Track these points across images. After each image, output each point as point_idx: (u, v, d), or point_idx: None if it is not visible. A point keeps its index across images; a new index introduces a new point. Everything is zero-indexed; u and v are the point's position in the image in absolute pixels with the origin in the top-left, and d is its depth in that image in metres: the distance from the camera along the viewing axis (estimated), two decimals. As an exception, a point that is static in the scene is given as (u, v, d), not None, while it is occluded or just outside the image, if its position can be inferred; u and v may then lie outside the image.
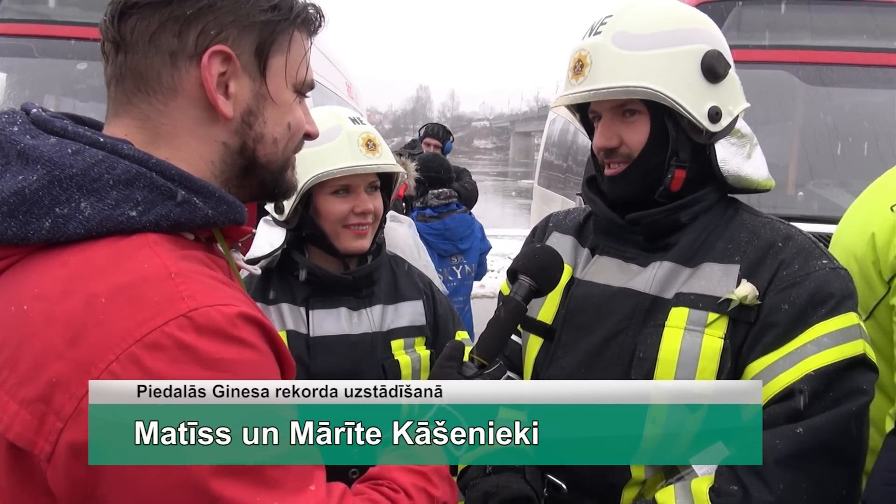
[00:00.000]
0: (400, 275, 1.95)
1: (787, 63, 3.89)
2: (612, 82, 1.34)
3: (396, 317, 1.86)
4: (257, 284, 1.86)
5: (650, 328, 1.34)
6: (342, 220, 1.77)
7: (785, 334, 1.25)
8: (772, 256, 1.32)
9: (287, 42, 0.94)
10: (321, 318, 1.79)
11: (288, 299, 1.82)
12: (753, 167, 1.42)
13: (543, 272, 1.33)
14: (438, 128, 5.72)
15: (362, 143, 1.74)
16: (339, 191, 1.77)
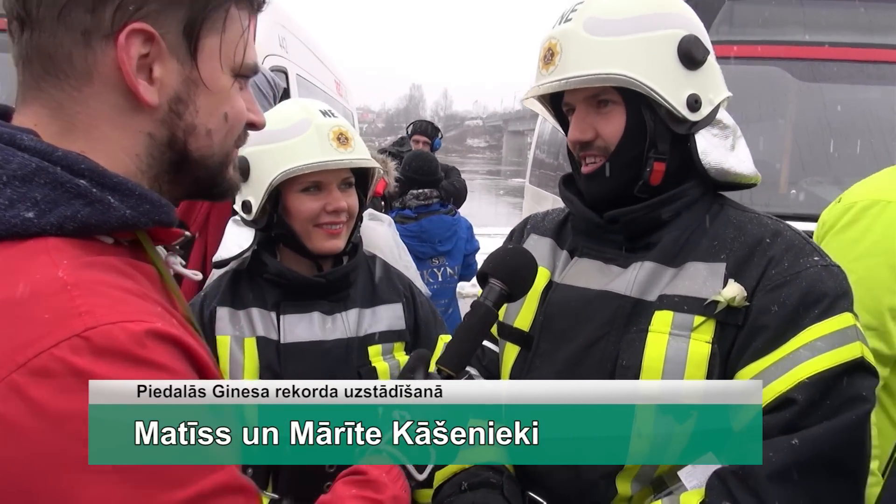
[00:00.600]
0: (378, 276, 1.86)
1: (779, 59, 3.83)
2: (583, 70, 1.27)
3: (374, 321, 1.78)
4: (225, 288, 1.78)
5: (632, 333, 1.26)
6: (313, 219, 1.69)
7: (776, 338, 1.18)
8: (759, 254, 1.24)
9: (222, 20, 0.83)
10: (293, 324, 1.71)
11: (258, 304, 1.74)
12: (737, 159, 1.34)
13: (515, 275, 1.25)
14: (426, 125, 5.64)
15: (333, 136, 1.65)
16: (309, 188, 1.68)
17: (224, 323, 1.70)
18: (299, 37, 6.24)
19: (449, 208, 4.20)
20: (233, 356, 1.67)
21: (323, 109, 1.70)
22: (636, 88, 1.24)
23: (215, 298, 1.75)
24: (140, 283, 0.78)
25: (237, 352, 1.67)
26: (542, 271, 1.42)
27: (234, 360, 1.66)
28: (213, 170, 0.89)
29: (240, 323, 1.70)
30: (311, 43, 6.95)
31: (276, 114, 1.71)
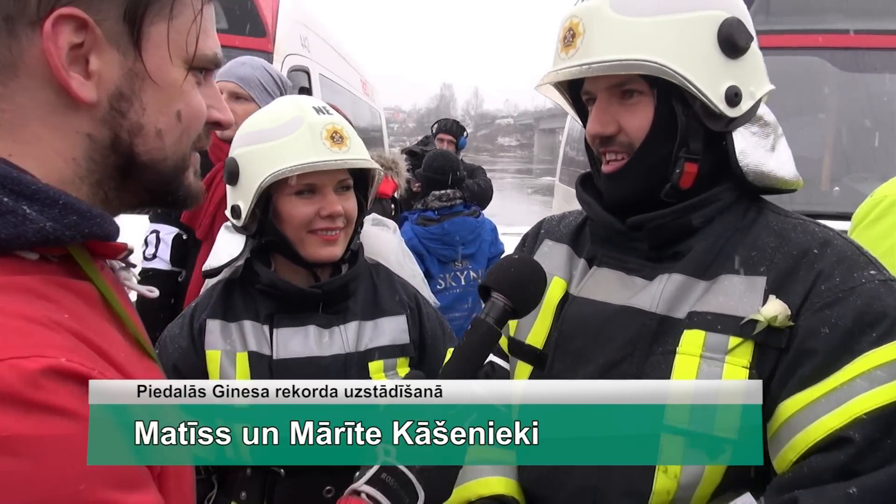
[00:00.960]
0: (381, 286, 1.72)
1: (820, 48, 3.63)
2: (608, 55, 1.12)
3: (375, 335, 1.63)
4: (217, 299, 1.65)
5: (658, 355, 1.12)
6: (307, 225, 1.56)
7: (827, 365, 1.02)
8: (806, 266, 1.08)
9: (170, 4, 0.73)
10: (286, 338, 1.57)
11: (251, 316, 1.61)
12: (778, 162, 1.19)
13: (520, 289, 1.12)
14: (451, 123, 5.52)
15: (326, 135, 1.51)
16: (302, 191, 1.55)
17: (214, 336, 1.59)
18: (323, 36, 6.16)
19: (472, 209, 4.05)
20: (223, 372, 1.56)
21: (317, 106, 1.58)
22: (668, 78, 1.10)
23: (206, 310, 1.63)
24: (63, 307, 0.66)
25: (228, 367, 1.56)
26: (558, 282, 1.29)
27: (225, 376, 1.55)
28: (166, 175, 0.77)
29: (231, 336, 1.59)
30: (335, 42, 6.88)
31: (266, 112, 1.61)
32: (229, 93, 2.55)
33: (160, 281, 2.52)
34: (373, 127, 9.35)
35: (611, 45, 1.12)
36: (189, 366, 1.57)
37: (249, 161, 1.54)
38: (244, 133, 1.58)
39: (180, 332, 1.62)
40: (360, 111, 8.28)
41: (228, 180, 1.59)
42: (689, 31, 1.11)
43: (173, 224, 2.55)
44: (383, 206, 2.53)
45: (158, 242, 2.53)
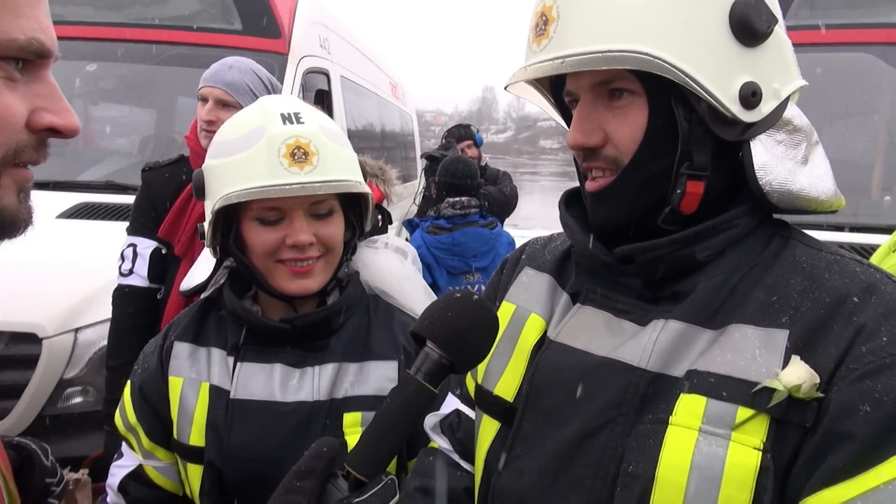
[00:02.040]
0: (376, 324, 1.46)
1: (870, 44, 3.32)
2: (586, 45, 0.88)
3: (359, 381, 1.38)
4: (192, 319, 1.45)
5: (647, 424, 0.87)
6: (272, 254, 1.33)
7: (866, 456, 0.76)
8: (842, 319, 0.83)
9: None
10: (248, 375, 1.36)
11: (220, 343, 1.40)
12: (811, 178, 0.93)
13: (459, 340, 0.87)
14: (459, 129, 5.34)
15: (286, 151, 1.26)
16: (265, 216, 1.32)
17: (180, 362, 1.40)
18: (346, 37, 6.00)
19: (489, 220, 3.75)
20: (184, 402, 1.37)
21: (286, 112, 1.31)
22: (663, 74, 0.86)
23: (177, 330, 1.45)
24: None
25: (190, 396, 1.36)
26: (535, 321, 1.06)
27: (185, 408, 1.36)
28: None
29: (199, 363, 1.40)
30: (360, 44, 6.71)
31: (235, 119, 1.37)
32: (216, 100, 2.37)
33: (137, 298, 2.37)
34: (403, 130, 9.18)
35: (589, 34, 0.89)
36: (154, 390, 1.40)
37: (211, 177, 1.34)
38: (214, 142, 1.38)
39: (153, 350, 1.46)
40: (389, 114, 8.11)
41: (196, 195, 1.40)
42: (690, 13, 0.87)
43: (151, 237, 2.38)
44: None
45: (135, 257, 2.37)
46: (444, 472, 1.17)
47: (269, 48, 4.31)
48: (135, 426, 1.41)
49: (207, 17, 4.38)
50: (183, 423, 1.36)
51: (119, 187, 3.69)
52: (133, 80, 4.40)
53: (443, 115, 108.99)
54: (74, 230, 3.28)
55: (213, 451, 1.32)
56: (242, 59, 2.49)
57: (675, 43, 0.86)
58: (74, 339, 2.73)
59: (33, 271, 2.81)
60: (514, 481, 0.97)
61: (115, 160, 4.20)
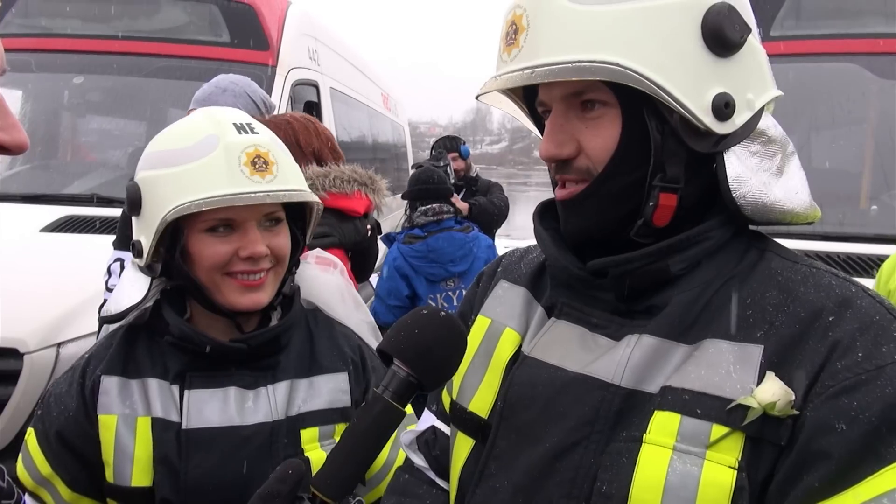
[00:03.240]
0: (319, 337, 1.44)
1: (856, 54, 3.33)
2: (556, 55, 0.86)
3: (310, 396, 1.35)
4: (116, 350, 1.34)
5: (621, 442, 0.85)
6: (222, 267, 1.27)
7: (842, 475, 0.74)
8: (818, 334, 0.81)
9: None
10: (200, 403, 1.29)
11: (157, 373, 1.31)
12: (786, 189, 0.91)
13: (426, 357, 0.86)
14: (446, 141, 5.38)
15: (246, 160, 1.23)
16: (217, 227, 1.26)
17: (110, 398, 1.29)
18: (336, 49, 6.00)
19: (465, 225, 3.73)
20: (120, 441, 1.27)
21: (239, 122, 1.29)
22: (634, 84, 0.84)
23: (101, 364, 1.33)
24: None
25: (126, 434, 1.27)
26: (510, 335, 1.03)
27: (122, 447, 1.26)
28: None
29: (132, 397, 1.30)
30: (350, 55, 6.71)
31: (177, 128, 1.32)
32: None
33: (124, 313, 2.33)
34: (395, 142, 9.17)
35: (560, 43, 0.87)
36: (77, 433, 1.29)
37: (153, 188, 1.27)
38: (150, 153, 1.31)
39: (68, 389, 1.32)
40: (380, 126, 8.11)
41: (129, 209, 1.32)
42: (663, 23, 0.85)
43: None
44: (356, 226, 2.29)
45: (123, 271, 2.34)
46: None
47: (257, 60, 4.30)
48: (49, 477, 1.29)
49: (195, 29, 4.38)
50: (121, 464, 1.26)
51: (105, 200, 3.66)
52: (120, 93, 4.38)
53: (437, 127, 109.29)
54: (58, 244, 3.25)
55: (167, 488, 1.25)
56: (237, 81, 2.46)
57: (647, 54, 0.85)
58: (57, 353, 2.69)
59: (15, 285, 2.78)
60: (488, 500, 0.95)
61: (102, 173, 4.17)
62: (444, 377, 0.90)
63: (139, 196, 1.29)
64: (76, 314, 2.75)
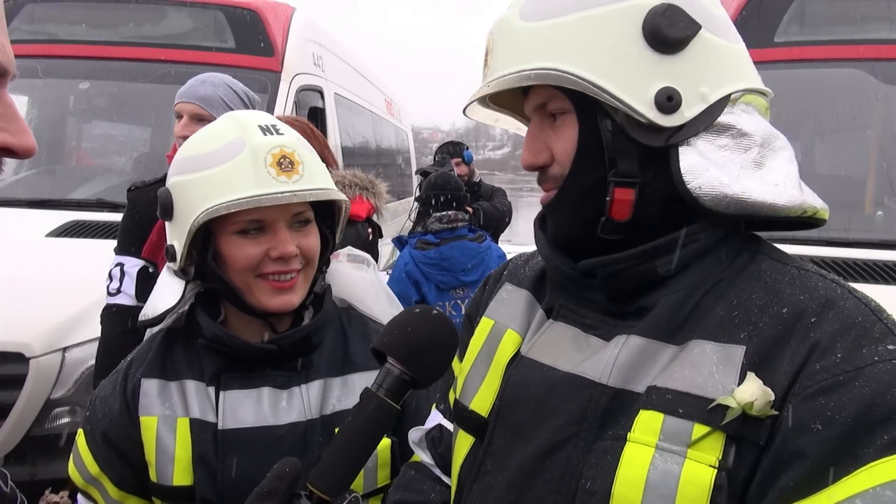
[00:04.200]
0: (353, 336, 1.44)
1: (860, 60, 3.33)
2: (508, 68, 0.94)
3: (344, 394, 1.35)
4: (155, 354, 1.37)
5: (607, 440, 0.87)
6: (254, 269, 1.28)
7: (818, 475, 0.75)
8: (798, 335, 0.82)
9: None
10: (235, 404, 1.30)
11: (195, 374, 1.34)
12: (762, 182, 0.91)
13: (419, 355, 0.91)
14: (449, 147, 5.39)
15: (272, 161, 1.24)
16: (247, 229, 1.28)
17: (150, 400, 1.32)
18: (340, 55, 6.03)
19: (478, 234, 3.73)
20: (161, 441, 1.29)
21: (264, 124, 1.30)
22: (572, 87, 0.89)
23: (141, 367, 1.37)
24: None
25: (167, 435, 1.30)
26: (511, 336, 1.06)
27: (163, 448, 1.29)
28: None
29: (171, 399, 1.33)
30: (354, 61, 6.75)
31: (205, 133, 1.33)
32: (190, 115, 2.36)
33: (126, 317, 2.35)
34: (399, 147, 9.20)
35: (511, 57, 0.94)
36: (121, 434, 1.32)
37: (183, 193, 1.29)
38: (179, 158, 1.33)
39: (112, 392, 1.36)
40: (384, 131, 8.14)
41: (162, 215, 1.34)
42: (603, 28, 0.90)
43: (138, 256, 2.37)
44: (357, 230, 2.29)
45: (123, 276, 2.35)
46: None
47: (262, 66, 4.33)
48: (98, 476, 1.33)
49: (201, 35, 4.40)
50: (163, 464, 1.29)
51: (110, 205, 3.68)
52: (126, 99, 4.41)
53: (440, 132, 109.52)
54: (64, 248, 3.27)
55: (207, 488, 1.27)
56: (216, 74, 2.48)
57: (587, 57, 0.89)
58: (62, 358, 2.71)
59: (21, 290, 2.79)
60: (483, 496, 0.98)
61: (108, 178, 4.19)
62: (438, 374, 0.96)
63: (171, 201, 1.31)
64: (81, 319, 2.77)
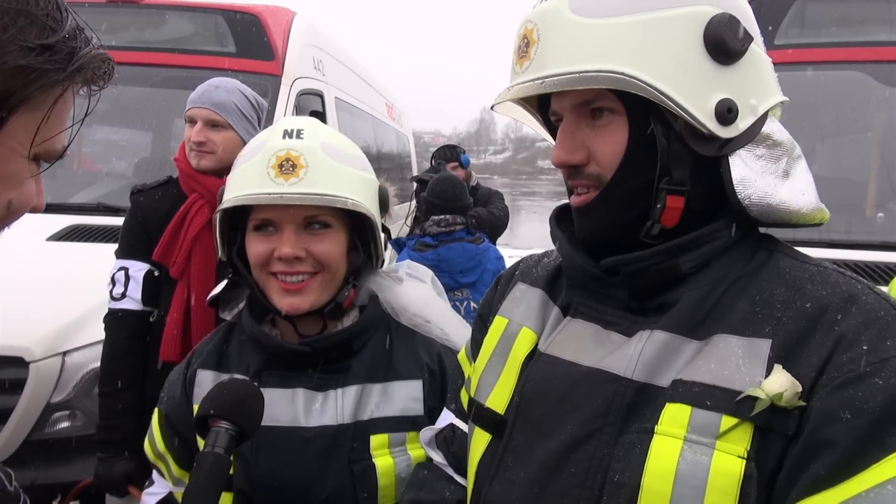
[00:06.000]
0: (398, 344, 1.44)
1: (861, 62, 3.33)
2: (564, 66, 0.91)
3: (383, 401, 1.36)
4: (215, 344, 1.45)
5: (633, 434, 0.88)
6: (264, 266, 1.33)
7: (848, 463, 0.77)
8: (823, 328, 0.84)
9: (51, 100, 0.71)
10: (271, 401, 1.31)
11: (242, 369, 1.39)
12: (792, 191, 0.94)
13: (240, 408, 1.11)
14: (446, 151, 5.37)
15: (275, 163, 1.28)
16: (261, 227, 1.33)
17: (203, 390, 1.37)
18: (340, 59, 6.03)
19: (476, 236, 3.76)
20: None
21: (290, 129, 1.33)
22: (639, 92, 0.88)
23: (200, 358, 1.45)
24: None
25: None
26: (526, 334, 1.07)
27: None
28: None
29: None
30: (355, 65, 6.75)
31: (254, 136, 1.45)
32: (205, 120, 2.35)
33: (132, 322, 2.34)
34: (400, 151, 9.20)
35: (568, 55, 0.91)
36: (180, 419, 1.40)
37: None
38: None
39: (177, 378, 1.46)
40: (385, 135, 8.14)
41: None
42: (665, 33, 0.89)
43: (143, 260, 2.36)
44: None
45: (128, 280, 2.34)
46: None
47: (263, 70, 4.32)
48: (164, 453, 1.42)
49: (201, 39, 4.40)
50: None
51: (111, 209, 3.68)
52: (127, 103, 4.40)
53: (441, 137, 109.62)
54: (64, 252, 3.26)
55: (242, 479, 1.31)
56: (228, 80, 2.48)
57: (651, 62, 0.89)
58: (62, 362, 2.70)
59: (21, 294, 2.79)
60: (504, 492, 0.98)
61: (108, 182, 4.19)
62: (258, 422, 1.16)
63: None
64: (82, 323, 2.76)
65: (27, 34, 0.66)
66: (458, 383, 1.22)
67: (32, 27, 0.66)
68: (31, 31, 0.66)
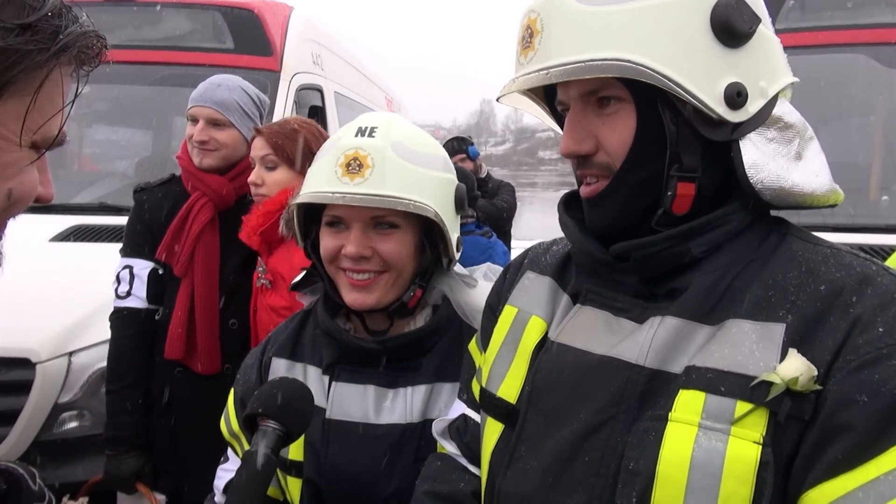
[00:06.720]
0: (467, 345, 1.45)
1: (863, 44, 3.31)
2: (569, 55, 0.90)
3: (452, 400, 1.35)
4: (290, 333, 1.48)
5: (647, 421, 0.87)
6: (333, 260, 1.37)
7: (866, 446, 0.76)
8: (839, 311, 0.83)
9: (37, 83, 0.67)
10: (343, 395, 1.36)
11: (315, 361, 1.42)
12: (805, 173, 0.93)
13: (289, 410, 1.11)
14: (453, 143, 5.32)
15: (343, 161, 1.29)
16: (333, 222, 1.36)
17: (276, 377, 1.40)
18: (339, 53, 6.01)
19: (484, 230, 3.75)
20: None
21: (364, 126, 1.33)
22: (646, 79, 0.87)
23: (276, 345, 1.48)
24: None
25: None
26: (536, 322, 1.06)
27: None
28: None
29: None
30: (353, 59, 6.72)
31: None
32: (207, 119, 2.34)
33: (137, 320, 2.34)
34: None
35: (572, 44, 0.90)
36: None
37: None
38: None
39: (252, 362, 1.49)
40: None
41: None
42: (671, 18, 0.88)
43: (147, 258, 2.36)
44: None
45: (132, 279, 2.34)
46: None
47: (261, 66, 4.31)
48: (238, 433, 1.44)
49: (199, 36, 4.39)
50: None
51: (113, 209, 3.67)
52: (126, 102, 4.40)
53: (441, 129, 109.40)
54: (68, 253, 3.26)
55: (312, 468, 1.34)
56: (229, 77, 2.47)
57: (657, 49, 0.88)
58: (69, 362, 2.70)
59: (26, 295, 2.78)
60: (518, 482, 0.98)
61: (110, 182, 4.19)
62: (305, 424, 1.16)
63: None
64: (87, 323, 2.76)
65: (4, 13, 0.62)
66: (470, 373, 1.22)
67: (10, 5, 0.63)
68: (8, 10, 0.63)
